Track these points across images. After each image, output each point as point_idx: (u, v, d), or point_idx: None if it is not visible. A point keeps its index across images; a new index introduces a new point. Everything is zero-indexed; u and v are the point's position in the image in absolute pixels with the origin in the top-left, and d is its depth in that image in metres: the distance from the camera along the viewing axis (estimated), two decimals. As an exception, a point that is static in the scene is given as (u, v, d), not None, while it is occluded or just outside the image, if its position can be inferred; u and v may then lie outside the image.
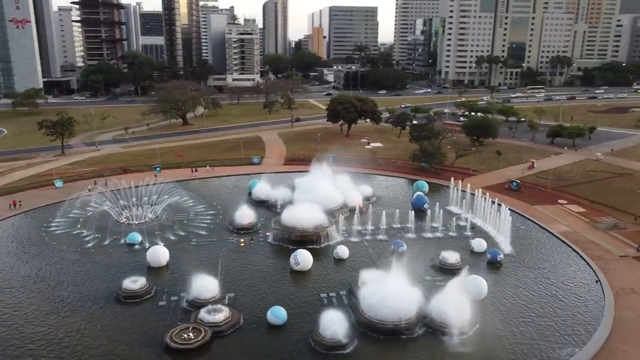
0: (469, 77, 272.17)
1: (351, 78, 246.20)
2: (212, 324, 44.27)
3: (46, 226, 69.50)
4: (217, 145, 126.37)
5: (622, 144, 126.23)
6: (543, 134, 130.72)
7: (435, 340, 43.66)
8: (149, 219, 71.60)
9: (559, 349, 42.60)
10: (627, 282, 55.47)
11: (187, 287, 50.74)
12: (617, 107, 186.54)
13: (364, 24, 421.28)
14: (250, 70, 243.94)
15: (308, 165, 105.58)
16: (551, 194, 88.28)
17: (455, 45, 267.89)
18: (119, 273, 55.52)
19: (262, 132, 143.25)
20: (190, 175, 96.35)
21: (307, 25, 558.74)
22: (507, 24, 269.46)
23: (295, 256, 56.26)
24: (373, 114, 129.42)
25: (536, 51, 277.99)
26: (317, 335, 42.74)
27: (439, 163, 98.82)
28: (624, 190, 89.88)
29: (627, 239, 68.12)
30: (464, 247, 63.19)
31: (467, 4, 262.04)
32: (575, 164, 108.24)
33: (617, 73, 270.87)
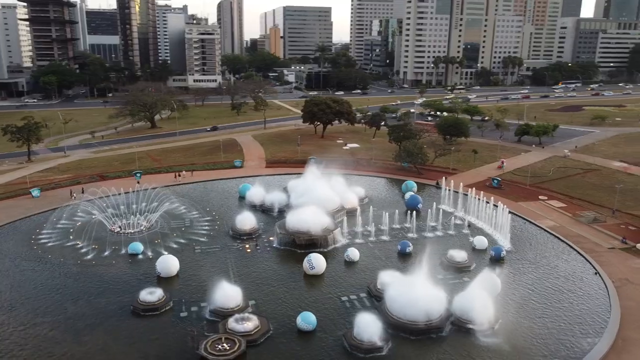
0: (426, 77, 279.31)
1: (314, 78, 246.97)
2: (244, 333, 43.68)
3: (35, 238, 66.02)
4: (192, 148, 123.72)
5: (584, 141, 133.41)
6: (510, 132, 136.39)
7: (464, 337, 44.96)
8: (144, 227, 69.38)
9: (580, 339, 44.85)
10: (621, 273, 58.95)
11: (207, 297, 49.88)
12: (570, 105, 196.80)
13: (318, 24, 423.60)
14: (212, 71, 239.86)
15: (290, 167, 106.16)
16: (530, 190, 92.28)
17: (413, 46, 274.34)
18: (128, 285, 53.73)
19: (236, 134, 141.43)
20: (174, 180, 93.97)
21: (260, 25, 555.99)
22: (462, 26, 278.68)
23: (309, 260, 56.24)
24: (348, 115, 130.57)
25: (489, 52, 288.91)
26: (352, 338, 43.04)
27: (422, 163, 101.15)
28: (595, 185, 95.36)
29: (610, 232, 72.37)
30: (465, 245, 65.26)
31: (424, 6, 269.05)
32: (545, 161, 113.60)
33: (563, 72, 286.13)
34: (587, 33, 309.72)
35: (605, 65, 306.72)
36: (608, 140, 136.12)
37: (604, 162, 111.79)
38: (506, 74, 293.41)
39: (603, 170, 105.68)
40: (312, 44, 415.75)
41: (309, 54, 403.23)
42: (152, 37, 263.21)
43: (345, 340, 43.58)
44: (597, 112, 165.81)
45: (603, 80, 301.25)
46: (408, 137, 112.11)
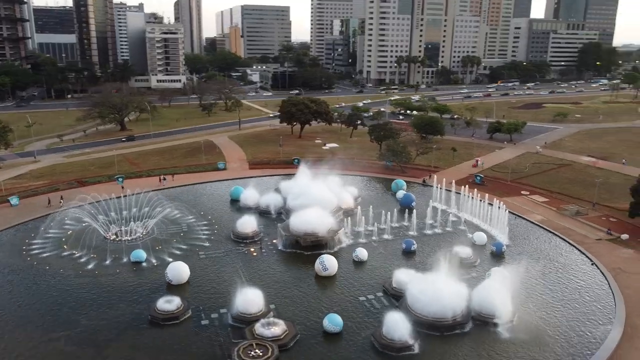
0: (389, 76, 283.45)
1: (279, 78, 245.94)
2: (274, 338, 43.30)
3: (27, 249, 62.82)
4: (170, 151, 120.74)
5: (550, 137, 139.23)
6: (482, 130, 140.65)
7: (486, 331, 46.25)
8: (141, 234, 67.30)
9: (592, 327, 47.07)
10: (614, 263, 62.08)
11: (225, 303, 49.22)
12: (530, 103, 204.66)
13: (277, 23, 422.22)
14: (176, 71, 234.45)
15: (274, 168, 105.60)
16: (512, 186, 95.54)
17: (376, 46, 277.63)
18: (138, 294, 52.15)
19: (211, 135, 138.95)
20: (158, 184, 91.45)
21: (216, 24, 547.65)
22: (423, 26, 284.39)
23: (322, 262, 56.26)
24: (326, 115, 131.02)
25: (449, 51, 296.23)
26: (383, 338, 43.47)
27: (406, 161, 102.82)
28: (570, 179, 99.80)
29: (594, 224, 76.11)
30: (465, 241, 67.03)
31: (386, 6, 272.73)
32: (519, 157, 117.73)
33: (519, 71, 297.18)
34: (539, 33, 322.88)
35: (557, 63, 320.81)
36: (572, 136, 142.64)
37: (573, 157, 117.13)
38: (465, 73, 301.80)
39: (574, 165, 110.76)
40: (271, 43, 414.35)
41: (268, 53, 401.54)
42: (110, 37, 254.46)
43: (375, 340, 43.96)
44: (560, 109, 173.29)
45: (555, 78, 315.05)
46: (389, 136, 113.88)
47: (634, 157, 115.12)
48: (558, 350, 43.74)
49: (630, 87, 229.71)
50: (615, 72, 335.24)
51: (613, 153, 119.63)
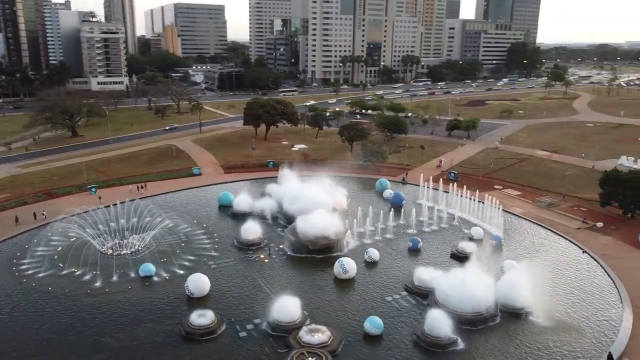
0: (334, 75, 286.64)
1: (226, 79, 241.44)
2: (322, 345, 43.13)
3: (17, 269, 58.02)
4: (135, 157, 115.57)
5: (502, 133, 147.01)
6: (440, 127, 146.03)
7: (515, 322, 48.57)
8: (139, 246, 64.16)
9: (605, 310, 50.78)
10: (599, 249, 66.98)
11: (257, 313, 48.47)
12: (474, 100, 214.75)
13: (211, 22, 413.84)
14: (118, 72, 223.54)
15: (249, 171, 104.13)
16: (484, 181, 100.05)
17: (321, 46, 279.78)
18: (162, 310, 49.95)
19: (172, 140, 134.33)
20: (137, 193, 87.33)
21: (146, 23, 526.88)
22: (365, 26, 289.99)
23: (342, 265, 56.50)
24: (293, 116, 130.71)
25: (390, 51, 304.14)
26: (427, 335, 44.55)
27: (383, 160, 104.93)
28: (533, 173, 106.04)
29: (570, 214, 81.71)
30: (462, 236, 69.80)
31: (329, 7, 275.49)
32: (481, 153, 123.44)
33: (455, 70, 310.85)
34: (471, 33, 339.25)
35: (489, 62, 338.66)
36: (521, 131, 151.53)
37: (529, 151, 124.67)
38: (405, 72, 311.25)
39: (532, 158, 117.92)
40: (206, 43, 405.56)
41: (204, 52, 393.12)
42: (41, 37, 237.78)
43: (418, 338, 44.93)
44: (505, 106, 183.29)
45: (486, 76, 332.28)
46: (360, 136, 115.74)
47: (581, 149, 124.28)
48: (587, 333, 46.78)
49: (562, 84, 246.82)
50: (539, 69, 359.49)
51: (563, 147, 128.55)
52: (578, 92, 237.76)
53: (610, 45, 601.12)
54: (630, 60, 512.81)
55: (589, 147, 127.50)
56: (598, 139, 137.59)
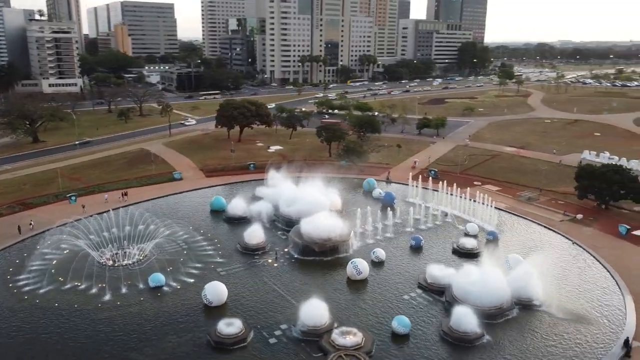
0: (293, 75, 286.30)
1: (185, 79, 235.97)
2: (356, 347, 43.43)
3: (14, 286, 54.71)
4: (107, 162, 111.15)
5: (468, 130, 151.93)
6: (410, 126, 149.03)
7: (529, 314, 50.67)
8: (141, 256, 61.97)
9: (608, 297, 53.88)
10: (585, 240, 70.87)
11: (281, 318, 48.34)
12: (435, 99, 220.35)
13: (161, 21, 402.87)
14: (71, 74, 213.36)
15: (231, 175, 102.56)
16: (463, 177, 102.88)
17: (279, 45, 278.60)
18: (182, 320, 48.69)
19: (142, 143, 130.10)
20: (120, 201, 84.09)
21: (88, 22, 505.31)
22: (322, 26, 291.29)
23: (356, 266, 56.97)
24: (267, 117, 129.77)
25: (347, 50, 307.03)
26: (455, 331, 45.75)
27: (365, 160, 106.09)
28: (506, 168, 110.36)
29: (549, 207, 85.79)
30: (459, 233, 71.99)
31: (287, 6, 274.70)
32: (453, 150, 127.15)
33: (410, 69, 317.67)
34: (424, 33, 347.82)
35: (441, 61, 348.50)
36: (485, 128, 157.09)
37: (498, 147, 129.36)
38: (362, 71, 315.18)
39: (503, 155, 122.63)
40: (155, 42, 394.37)
41: (154, 52, 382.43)
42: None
43: (447, 334, 46.06)
44: (466, 104, 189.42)
45: (439, 74, 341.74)
46: (339, 136, 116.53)
47: (545, 145, 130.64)
48: (597, 319, 49.48)
49: (514, 82, 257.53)
50: (487, 68, 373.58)
51: (528, 142, 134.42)
52: (529, 89, 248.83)
53: (547, 45, 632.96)
54: (567, 58, 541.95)
55: (551, 142, 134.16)
56: (558, 135, 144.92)
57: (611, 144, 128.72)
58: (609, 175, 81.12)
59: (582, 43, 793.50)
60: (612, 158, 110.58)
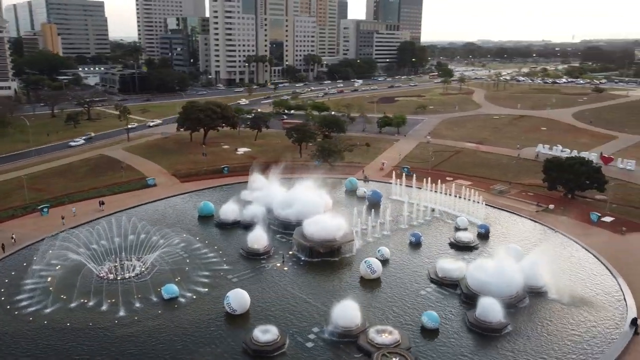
0: (239, 75, 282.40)
1: (129, 81, 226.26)
2: (396, 344, 44.20)
3: (14, 308, 50.64)
4: (69, 170, 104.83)
5: (424, 128, 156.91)
6: (371, 125, 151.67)
7: (541, 301, 53.65)
8: (143, 268, 59.28)
9: (604, 281, 58.04)
10: (563, 229, 75.59)
11: (311, 321, 48.45)
12: (385, 97, 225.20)
13: (90, 20, 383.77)
14: (3, 76, 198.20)
15: (206, 179, 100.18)
16: (435, 173, 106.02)
17: (224, 45, 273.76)
18: (208, 331, 47.26)
19: (101, 149, 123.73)
20: (99, 210, 79.75)
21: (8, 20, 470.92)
22: (267, 25, 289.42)
23: (370, 266, 57.67)
24: (233, 119, 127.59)
25: (292, 50, 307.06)
26: (481, 322, 47.69)
27: (340, 160, 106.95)
28: (472, 163, 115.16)
29: (522, 199, 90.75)
30: (450, 227, 74.72)
31: (231, 5, 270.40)
32: (417, 147, 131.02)
33: (354, 68, 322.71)
34: (365, 33, 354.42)
35: (382, 60, 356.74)
36: (440, 125, 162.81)
37: (458, 144, 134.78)
38: (307, 71, 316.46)
39: (465, 150, 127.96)
40: (84, 42, 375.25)
41: (84, 53, 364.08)
42: None
43: (474, 325, 47.88)
44: (418, 102, 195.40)
45: (380, 73, 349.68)
46: (310, 137, 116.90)
47: (499, 140, 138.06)
48: (602, 303, 53.19)
49: (457, 81, 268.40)
50: (425, 67, 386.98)
51: (485, 138, 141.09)
52: (470, 87, 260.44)
53: (475, 44, 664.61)
54: (493, 57, 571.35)
55: (504, 137, 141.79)
56: (509, 130, 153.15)
57: (558, 137, 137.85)
58: (577, 167, 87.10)
59: (500, 42, 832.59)
60: (564, 151, 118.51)
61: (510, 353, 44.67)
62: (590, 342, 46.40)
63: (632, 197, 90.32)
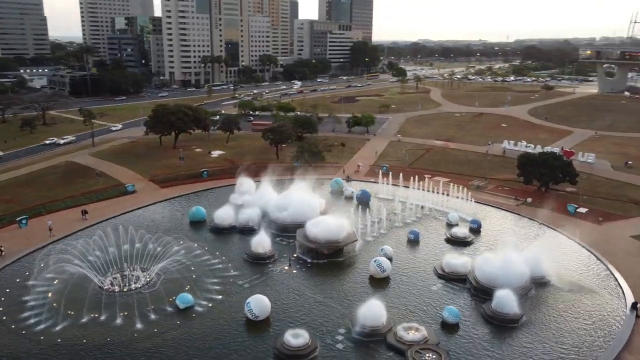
0: (195, 76, 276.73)
1: (80, 83, 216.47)
2: (425, 340, 45.15)
3: (20, 328, 47.63)
4: (37, 179, 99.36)
5: (392, 126, 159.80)
6: (341, 125, 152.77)
7: (546, 290, 56.27)
8: (149, 278, 57.26)
9: (597, 268, 61.59)
10: (546, 221, 79.51)
11: (335, 323, 48.51)
12: (345, 97, 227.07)
13: (27, 19, 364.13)
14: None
15: (187, 183, 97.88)
16: (412, 171, 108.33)
17: (178, 46, 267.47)
18: (233, 341, 46.24)
19: (66, 155, 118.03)
20: (82, 221, 76.17)
21: None
22: (222, 25, 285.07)
23: (380, 264, 58.39)
24: (205, 122, 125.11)
25: (247, 50, 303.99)
26: (498, 313, 49.54)
27: (322, 160, 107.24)
28: (445, 160, 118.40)
29: (500, 194, 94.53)
30: (441, 223, 76.84)
31: (184, 5, 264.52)
32: (389, 146, 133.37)
33: (309, 68, 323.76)
34: (318, 33, 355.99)
35: (336, 60, 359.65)
36: (406, 123, 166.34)
37: (427, 141, 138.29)
38: (263, 71, 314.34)
39: (435, 148, 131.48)
40: (21, 42, 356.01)
41: (22, 54, 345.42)
42: None
43: (491, 317, 49.65)
44: (380, 102, 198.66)
45: (334, 73, 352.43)
46: (287, 138, 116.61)
47: (465, 137, 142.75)
48: (601, 290, 56.42)
49: (413, 80, 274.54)
50: (377, 66, 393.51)
51: (452, 135, 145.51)
52: (426, 86, 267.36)
53: (420, 44, 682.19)
54: (439, 56, 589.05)
55: (469, 134, 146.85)
56: (472, 127, 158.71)
57: (519, 133, 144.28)
58: (551, 162, 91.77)
59: (439, 42, 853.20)
60: (528, 146, 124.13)
61: (530, 343, 46.60)
62: (599, 327, 49.15)
63: (598, 189, 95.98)
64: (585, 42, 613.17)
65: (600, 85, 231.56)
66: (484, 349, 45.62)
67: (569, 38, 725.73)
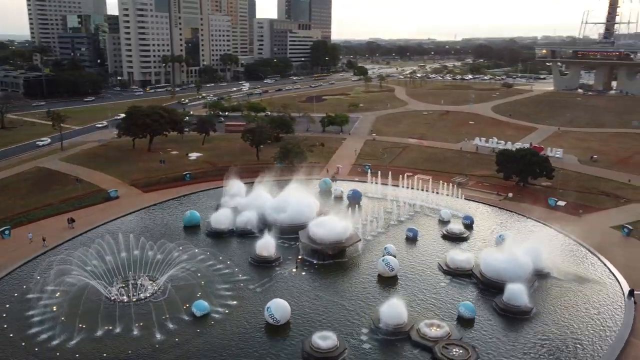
0: (155, 76, 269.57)
1: (36, 84, 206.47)
2: (448, 336, 46.28)
3: (33, 343, 45.28)
4: (9, 187, 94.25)
5: (364, 125, 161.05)
6: (315, 124, 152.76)
7: (548, 282, 58.71)
8: (157, 287, 55.64)
9: (591, 259, 64.74)
10: (530, 214, 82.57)
11: (355, 323, 48.98)
12: (312, 96, 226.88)
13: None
14: None
15: (171, 187, 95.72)
16: (394, 170, 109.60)
17: (137, 45, 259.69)
18: (259, 346, 45.89)
19: (33, 161, 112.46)
20: (68, 229, 73.04)
21: None
22: (182, 24, 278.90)
23: (388, 263, 59.15)
24: (180, 124, 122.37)
25: (208, 50, 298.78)
26: (510, 306, 51.38)
27: (305, 160, 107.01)
28: (422, 158, 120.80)
29: (482, 189, 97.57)
30: (434, 220, 78.67)
31: (143, 3, 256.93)
32: (366, 145, 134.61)
33: (271, 67, 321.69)
34: (279, 32, 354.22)
35: (297, 59, 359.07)
36: (377, 122, 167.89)
37: (402, 140, 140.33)
38: (224, 71, 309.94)
39: (411, 146, 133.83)
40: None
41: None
42: None
43: (503, 310, 51.41)
44: (348, 101, 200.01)
45: (295, 72, 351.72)
46: (267, 138, 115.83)
47: (437, 134, 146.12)
48: (598, 279, 59.41)
49: (377, 78, 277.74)
50: (337, 65, 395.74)
51: (424, 133, 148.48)
52: (389, 85, 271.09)
53: (376, 43, 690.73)
54: (394, 55, 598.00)
55: (439, 132, 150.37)
56: (441, 125, 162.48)
57: (487, 130, 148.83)
58: (529, 158, 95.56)
59: (391, 41, 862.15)
60: (499, 142, 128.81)
61: (545, 333, 48.56)
62: (604, 314, 51.85)
63: (570, 183, 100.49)
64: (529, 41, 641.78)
65: (556, 83, 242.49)
66: (502, 342, 47.15)
67: (514, 37, 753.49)
